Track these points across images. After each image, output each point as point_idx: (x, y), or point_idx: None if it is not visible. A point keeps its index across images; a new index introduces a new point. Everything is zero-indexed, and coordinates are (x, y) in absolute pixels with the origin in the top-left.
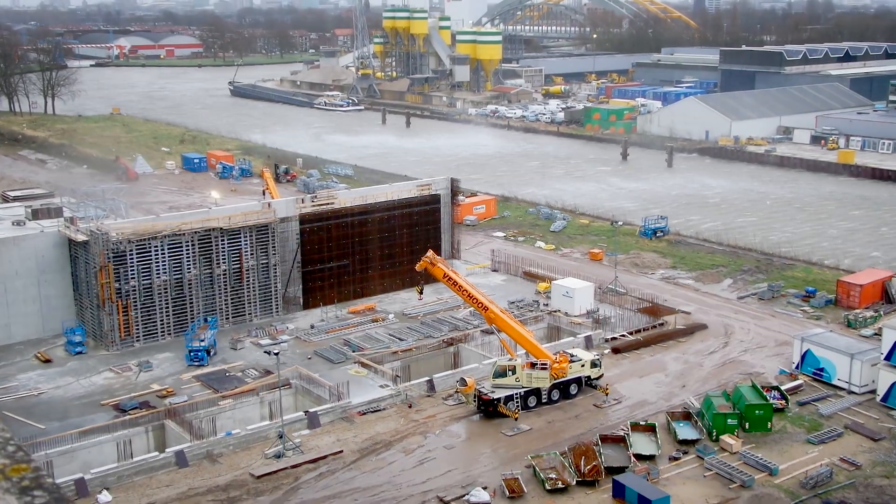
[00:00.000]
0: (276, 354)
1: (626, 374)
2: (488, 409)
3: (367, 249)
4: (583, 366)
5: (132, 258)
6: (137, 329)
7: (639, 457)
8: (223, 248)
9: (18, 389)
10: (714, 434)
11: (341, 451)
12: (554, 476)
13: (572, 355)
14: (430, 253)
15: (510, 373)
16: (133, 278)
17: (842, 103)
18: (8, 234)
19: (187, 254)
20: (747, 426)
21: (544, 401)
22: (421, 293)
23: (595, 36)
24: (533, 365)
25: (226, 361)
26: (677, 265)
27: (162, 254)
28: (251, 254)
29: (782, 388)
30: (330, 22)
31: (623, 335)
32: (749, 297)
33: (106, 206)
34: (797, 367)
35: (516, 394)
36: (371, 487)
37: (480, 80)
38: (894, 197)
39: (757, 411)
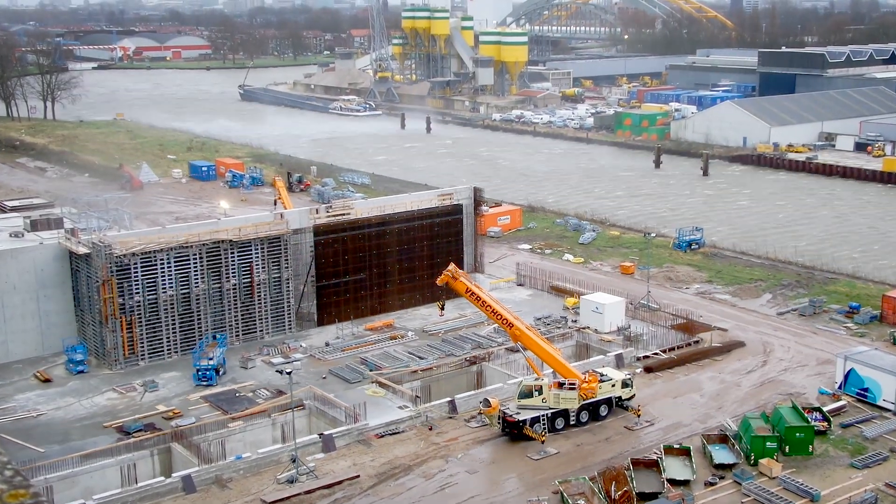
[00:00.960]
0: (289, 374)
1: (659, 395)
2: (513, 431)
3: (386, 263)
4: (613, 386)
5: (137, 272)
6: (142, 347)
7: (673, 482)
8: (233, 261)
9: (17, 410)
10: (752, 458)
11: (358, 476)
12: (583, 502)
13: (602, 375)
14: (451, 266)
15: (536, 393)
16: (138, 293)
17: (887, 108)
18: (5, 247)
19: (195, 267)
20: (787, 449)
21: (572, 423)
22: (442, 309)
23: (626, 37)
24: (560, 385)
25: (236, 381)
26: (713, 279)
27: (168, 267)
28: (262, 267)
29: (824, 409)
30: (346, 22)
31: (656, 353)
32: (789, 313)
33: (109, 217)
34: (840, 387)
35: (543, 415)
36: None
37: (505, 84)
38: None
39: (798, 434)
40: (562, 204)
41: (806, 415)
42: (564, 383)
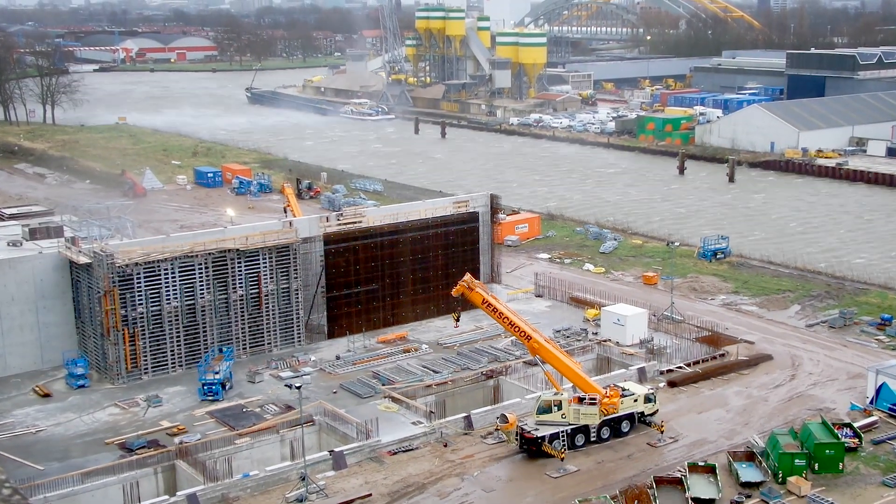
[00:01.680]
0: (298, 388)
1: (683, 410)
2: (532, 448)
3: (399, 273)
4: (636, 401)
5: (140, 282)
6: (145, 360)
7: (697, 501)
8: (240, 271)
9: (15, 426)
10: (780, 476)
11: (370, 495)
12: None
13: (624, 389)
14: (467, 276)
15: (556, 408)
16: (141, 304)
17: None
18: (3, 256)
19: (200, 278)
20: (817, 467)
21: (593, 439)
22: (457, 321)
23: (649, 38)
24: (581, 400)
25: (243, 396)
26: (739, 290)
27: (172, 278)
28: (271, 278)
29: (855, 425)
30: (357, 22)
31: (680, 367)
32: (818, 325)
33: (111, 225)
34: (871, 402)
35: (562, 431)
36: None
37: (523, 87)
38: None
39: (827, 451)
40: (582, 212)
41: (836, 431)
42: (585, 398)
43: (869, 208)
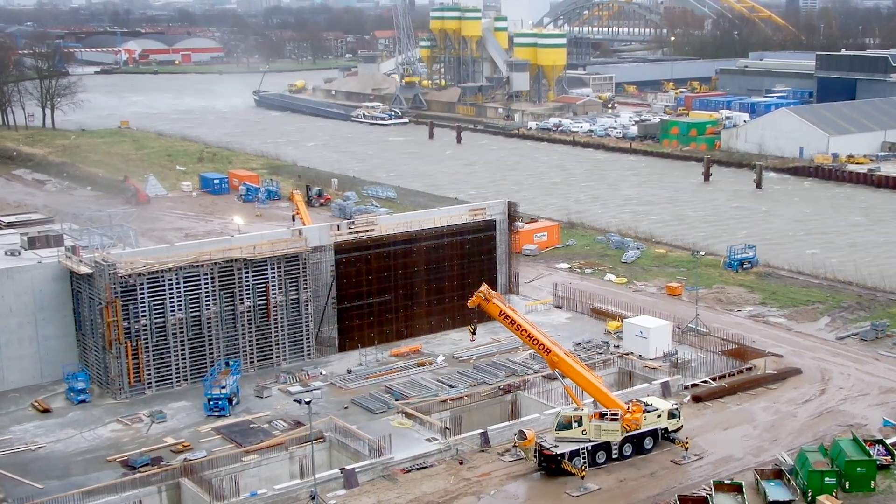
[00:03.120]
0: (308, 403)
1: (708, 426)
2: (551, 465)
3: (412, 283)
4: (659, 416)
5: (143, 293)
6: (149, 374)
7: None
8: (247, 281)
9: (13, 443)
10: (809, 494)
11: None
12: None
13: (647, 404)
14: (484, 287)
15: (576, 424)
16: (144, 316)
17: None
18: (1, 266)
19: (206, 288)
20: (847, 485)
21: (615, 456)
22: (474, 333)
23: (673, 39)
24: (602, 415)
25: (250, 411)
26: (767, 301)
27: (177, 288)
28: (279, 288)
29: (887, 441)
30: (369, 23)
31: (705, 381)
32: (849, 338)
33: (113, 234)
34: None
35: (583, 448)
36: None
37: (542, 90)
38: None
39: (858, 468)
40: (603, 220)
41: (868, 448)
42: (606, 414)
43: None
